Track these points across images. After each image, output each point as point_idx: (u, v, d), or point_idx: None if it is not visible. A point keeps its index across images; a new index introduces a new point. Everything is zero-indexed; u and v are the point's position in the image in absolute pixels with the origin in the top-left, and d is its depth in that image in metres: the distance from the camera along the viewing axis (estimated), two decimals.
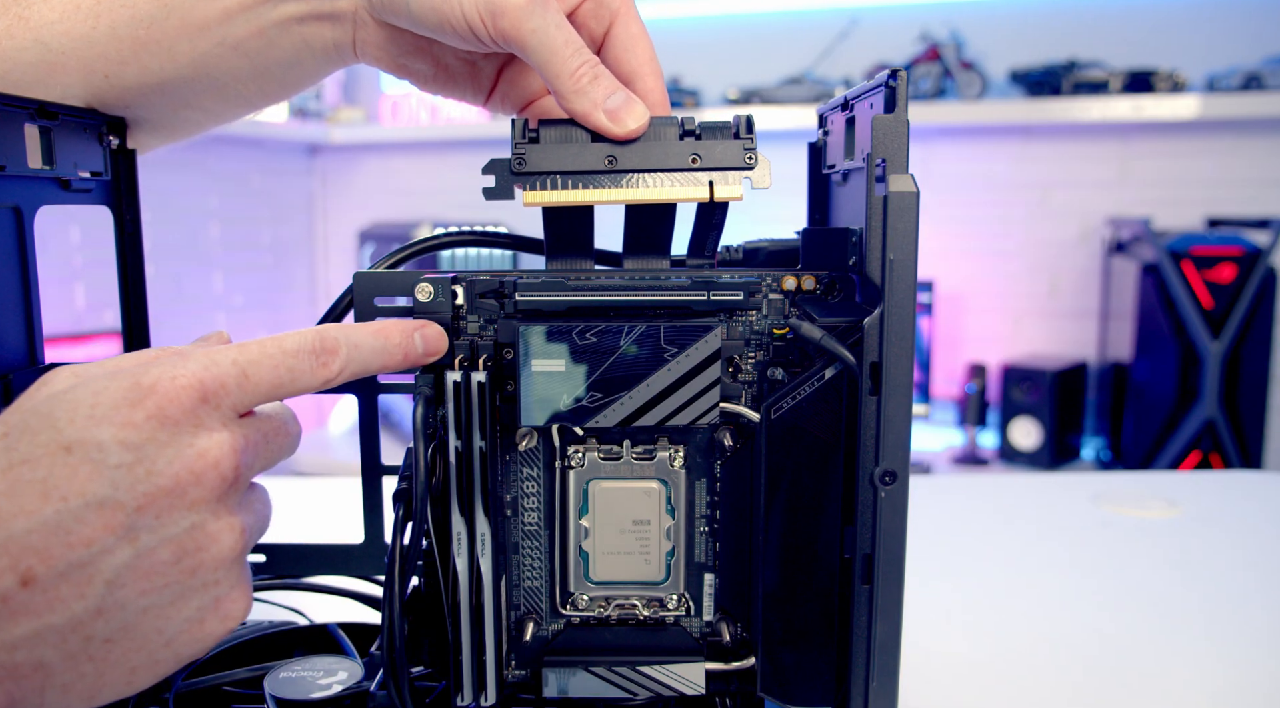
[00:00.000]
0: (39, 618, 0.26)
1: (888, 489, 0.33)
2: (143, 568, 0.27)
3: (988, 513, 0.82)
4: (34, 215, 0.41)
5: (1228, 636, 0.58)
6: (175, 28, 0.40)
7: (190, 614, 0.29)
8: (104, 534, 0.26)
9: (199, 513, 0.28)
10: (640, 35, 0.40)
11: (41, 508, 0.26)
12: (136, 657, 0.28)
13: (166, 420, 0.28)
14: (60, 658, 0.26)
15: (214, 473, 0.29)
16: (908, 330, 0.32)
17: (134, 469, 0.27)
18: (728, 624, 0.40)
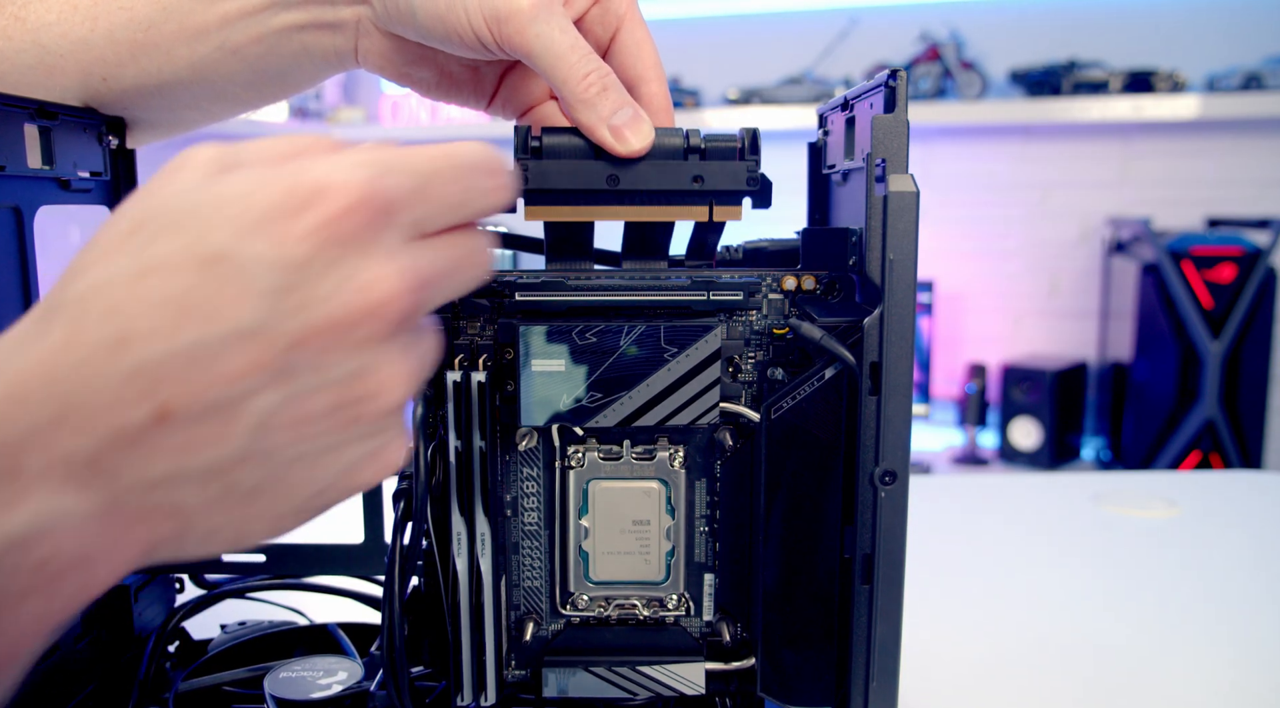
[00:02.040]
0: (176, 460, 0.22)
1: (888, 489, 0.33)
2: (294, 415, 0.24)
3: (988, 513, 0.82)
4: (34, 215, 0.41)
5: (1228, 636, 0.58)
6: (173, 32, 0.39)
7: (344, 466, 0.25)
8: (252, 372, 0.23)
9: (363, 356, 0.24)
10: (645, 40, 0.40)
11: (180, 332, 0.22)
12: (283, 506, 0.25)
13: (332, 238, 0.23)
14: (201, 503, 0.23)
15: (384, 310, 0.24)
16: (908, 330, 0.32)
17: (290, 297, 0.23)
18: (728, 624, 0.40)
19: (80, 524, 0.22)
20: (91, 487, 0.22)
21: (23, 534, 0.21)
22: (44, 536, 0.21)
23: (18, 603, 0.21)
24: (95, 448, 0.22)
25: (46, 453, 0.21)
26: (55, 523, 0.21)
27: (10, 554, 0.21)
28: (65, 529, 0.22)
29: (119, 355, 0.22)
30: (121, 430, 0.22)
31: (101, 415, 0.22)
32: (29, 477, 0.21)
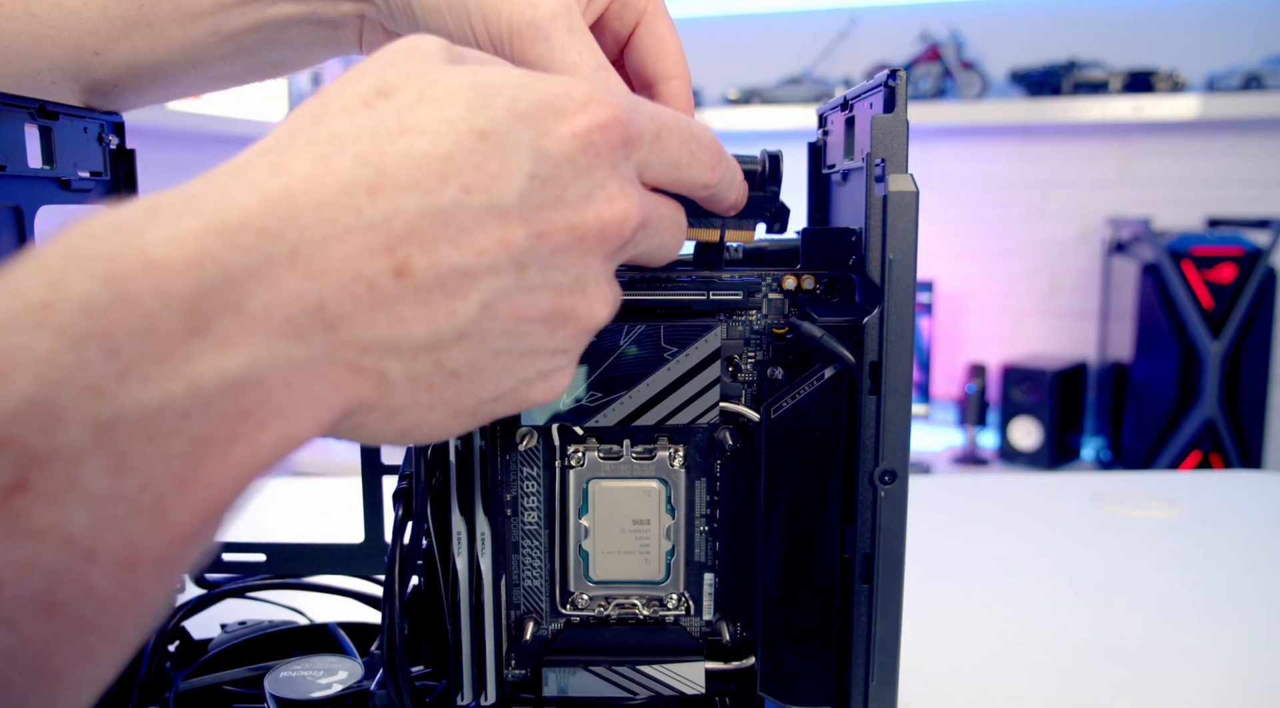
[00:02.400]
0: (399, 325, 0.22)
1: (887, 489, 0.33)
2: (515, 308, 0.24)
3: (988, 513, 0.82)
4: (34, 215, 0.41)
5: (1227, 636, 0.58)
6: (167, 12, 0.39)
7: (529, 375, 0.25)
8: (497, 249, 0.23)
9: (587, 268, 0.25)
10: (667, 35, 0.39)
11: (439, 190, 0.22)
12: (468, 400, 0.24)
13: (590, 147, 0.24)
14: (403, 378, 0.23)
15: (620, 227, 0.25)
16: (907, 330, 0.32)
17: (547, 188, 0.23)
18: (728, 624, 0.40)
19: (291, 374, 0.20)
20: (310, 337, 0.21)
21: (235, 376, 0.19)
22: (257, 381, 0.19)
23: (224, 448, 0.19)
24: (323, 296, 0.21)
25: (273, 292, 0.20)
26: (269, 369, 0.20)
27: (222, 396, 0.19)
28: (277, 377, 0.20)
29: (369, 201, 0.21)
30: (354, 280, 0.21)
31: (338, 262, 0.21)
32: (250, 315, 0.19)
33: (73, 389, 0.17)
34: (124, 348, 0.18)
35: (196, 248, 0.19)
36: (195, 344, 0.19)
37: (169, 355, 0.18)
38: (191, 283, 0.19)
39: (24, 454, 0.16)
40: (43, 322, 0.17)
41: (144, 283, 0.18)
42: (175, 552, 0.19)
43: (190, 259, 0.19)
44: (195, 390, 0.18)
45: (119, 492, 0.17)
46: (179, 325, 0.18)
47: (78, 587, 0.17)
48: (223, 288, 0.19)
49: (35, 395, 0.16)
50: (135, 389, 0.18)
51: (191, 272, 0.19)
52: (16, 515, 0.16)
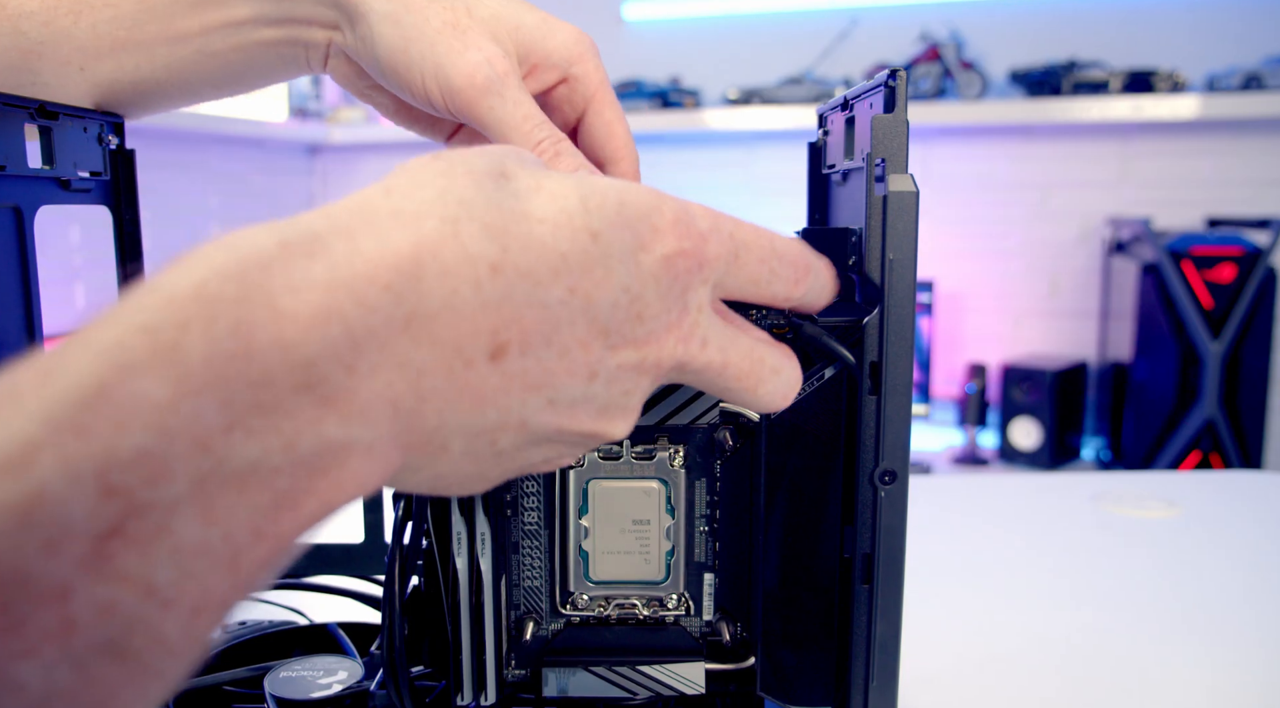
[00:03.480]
0: (478, 409, 0.22)
1: (887, 489, 0.33)
2: (576, 410, 0.24)
3: (988, 513, 0.82)
4: (34, 215, 0.41)
5: (1227, 636, 0.58)
6: (155, 32, 0.40)
7: (549, 456, 0.26)
8: (579, 353, 0.23)
9: (637, 387, 0.25)
10: (615, 121, 0.40)
11: (550, 285, 0.22)
12: (497, 472, 0.25)
13: (675, 269, 0.25)
14: (460, 452, 0.23)
15: (680, 350, 0.25)
16: (907, 330, 0.32)
17: (634, 305, 0.24)
18: (727, 624, 0.40)
19: (375, 442, 0.20)
20: (401, 410, 0.21)
21: (330, 443, 0.19)
22: (347, 447, 0.20)
23: (299, 502, 0.19)
24: (424, 366, 0.21)
25: (383, 355, 0.20)
26: (360, 438, 0.20)
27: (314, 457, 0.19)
28: (362, 445, 0.20)
29: (490, 279, 0.21)
30: (455, 355, 0.21)
31: (447, 333, 0.21)
32: (359, 375, 0.19)
33: (185, 442, 0.17)
34: (237, 400, 0.18)
35: (324, 301, 0.19)
36: (301, 399, 0.19)
37: (275, 409, 0.18)
38: (315, 342, 0.19)
39: (129, 504, 0.16)
40: (168, 370, 0.17)
41: (269, 335, 0.18)
42: (237, 599, 0.19)
43: (317, 314, 0.19)
44: (291, 449, 0.19)
45: (205, 543, 0.17)
46: (294, 380, 0.18)
47: (149, 634, 0.17)
48: (343, 347, 0.19)
49: (150, 447, 0.16)
50: (239, 443, 0.18)
51: (317, 329, 0.19)
52: (105, 560, 0.16)
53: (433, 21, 0.37)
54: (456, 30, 0.37)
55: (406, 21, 0.37)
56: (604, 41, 2.11)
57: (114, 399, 0.16)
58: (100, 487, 0.16)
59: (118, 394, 0.16)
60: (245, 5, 0.40)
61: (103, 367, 0.17)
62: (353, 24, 0.39)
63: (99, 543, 0.16)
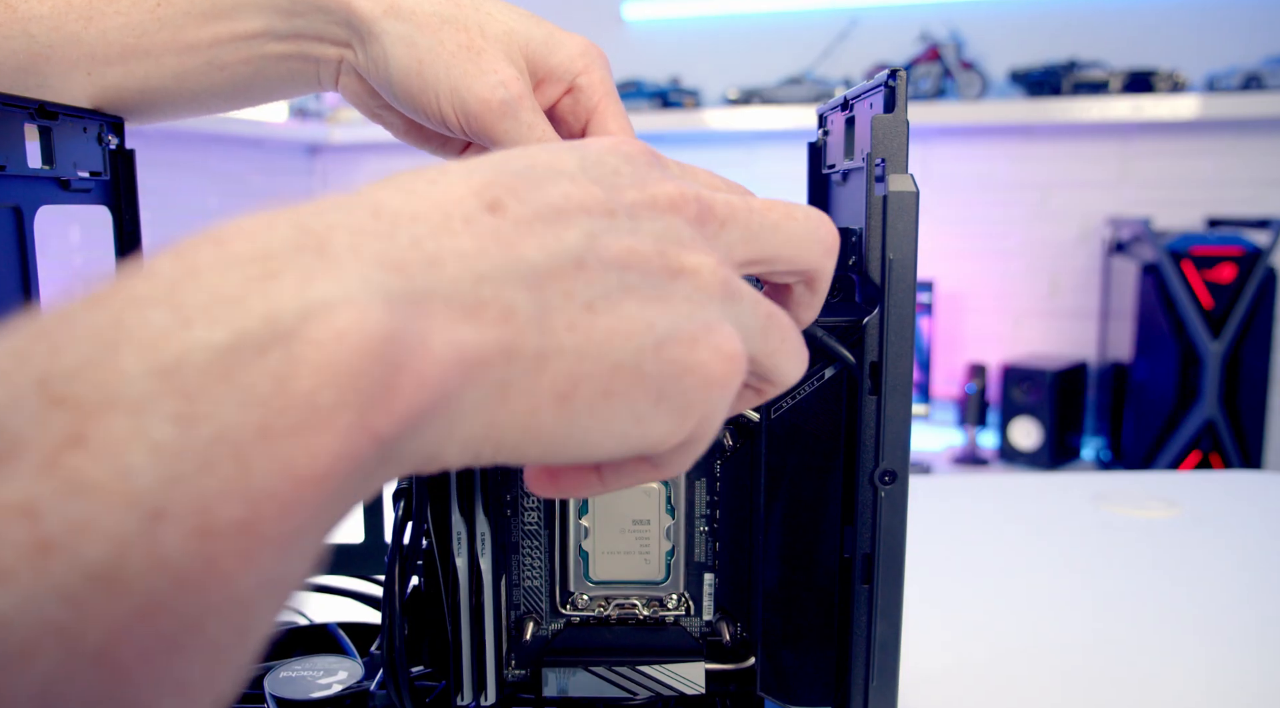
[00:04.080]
0: (514, 249, 0.20)
1: (888, 489, 0.33)
2: (622, 240, 0.22)
3: (988, 513, 0.82)
4: (34, 215, 0.41)
5: (1227, 636, 0.58)
6: (165, 41, 0.40)
7: (678, 322, 0.22)
8: (580, 194, 0.22)
9: (670, 225, 0.23)
10: (620, 132, 0.41)
11: (506, 161, 0.22)
12: (622, 345, 0.21)
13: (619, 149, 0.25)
14: (535, 308, 0.20)
15: (676, 190, 0.24)
16: (907, 330, 0.32)
17: (600, 164, 0.24)
18: (727, 624, 0.40)
19: (389, 301, 0.18)
20: (410, 270, 0.18)
21: (322, 300, 0.17)
22: (349, 303, 0.17)
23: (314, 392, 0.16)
24: (416, 235, 0.19)
25: (357, 235, 0.18)
26: (364, 297, 0.17)
27: (306, 322, 0.17)
28: (372, 302, 0.17)
29: (440, 174, 0.21)
30: (447, 220, 0.20)
31: (425, 209, 0.20)
32: (334, 255, 0.18)
33: (133, 344, 0.15)
34: (189, 302, 0.16)
35: (266, 217, 0.18)
36: (271, 284, 0.17)
37: (241, 298, 0.16)
38: (263, 238, 0.17)
39: (80, 408, 0.15)
40: (108, 297, 0.16)
41: (213, 252, 0.17)
42: (264, 522, 0.16)
43: (262, 224, 0.18)
44: (272, 320, 0.16)
45: (188, 442, 0.15)
46: (252, 273, 0.17)
47: (144, 554, 0.15)
48: (298, 235, 0.18)
49: (93, 356, 0.15)
50: (202, 333, 0.16)
51: (264, 231, 0.18)
52: (70, 471, 0.14)
53: (447, 44, 0.37)
54: (471, 52, 0.37)
55: (421, 43, 0.38)
56: (604, 41, 2.11)
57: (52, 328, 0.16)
58: (44, 395, 0.15)
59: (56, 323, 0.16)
60: (256, 19, 0.40)
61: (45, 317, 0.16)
62: (365, 44, 0.39)
63: (57, 451, 0.15)
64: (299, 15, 0.39)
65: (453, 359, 0.19)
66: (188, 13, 0.40)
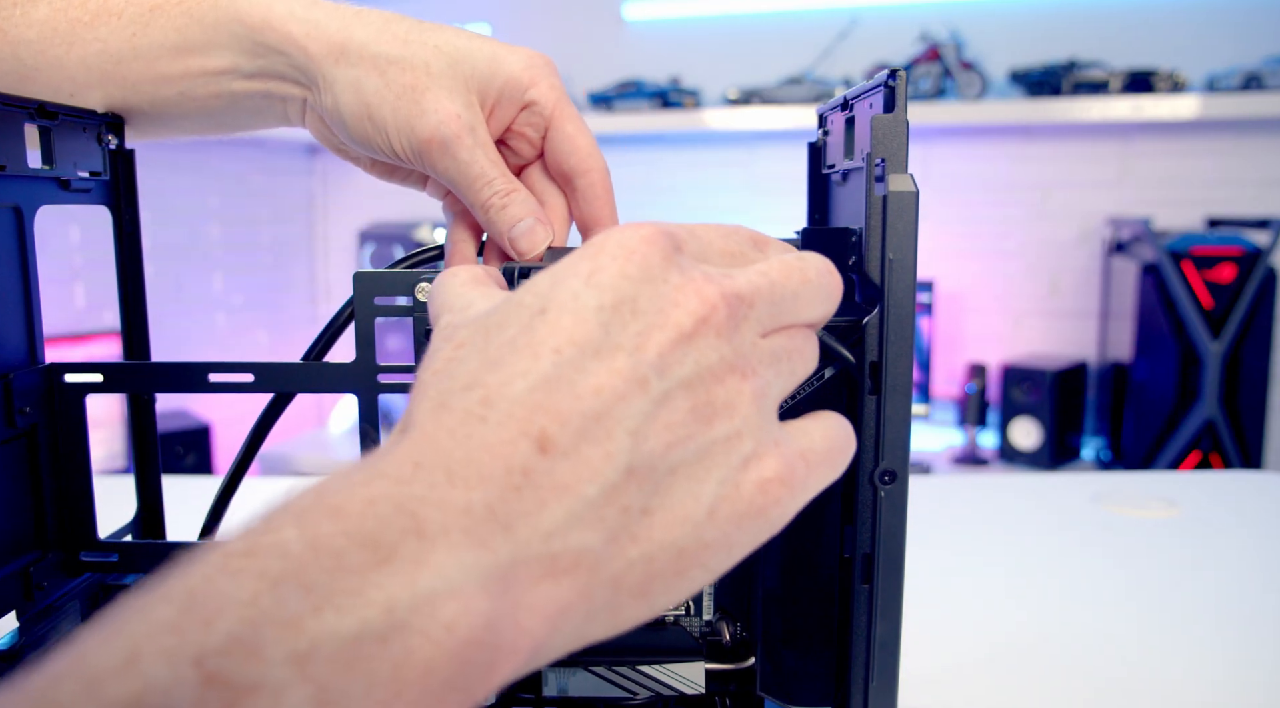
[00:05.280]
0: (571, 492, 0.22)
1: (887, 489, 0.33)
2: (662, 418, 0.23)
3: (988, 513, 0.82)
4: (34, 215, 0.41)
5: (1227, 636, 0.58)
6: (141, 71, 0.42)
7: (722, 476, 0.24)
8: (612, 379, 0.23)
9: (700, 351, 0.24)
10: (577, 134, 0.42)
11: (536, 365, 0.23)
12: (680, 532, 0.24)
13: (634, 256, 0.25)
14: (602, 541, 0.22)
15: (699, 303, 0.25)
16: (907, 330, 0.32)
17: (619, 309, 0.24)
18: (727, 624, 0.40)
19: (486, 584, 0.20)
20: (492, 543, 0.21)
21: (429, 590, 0.20)
22: (451, 592, 0.20)
23: (425, 670, 0.19)
24: (489, 498, 0.21)
25: (445, 509, 0.21)
26: (462, 579, 0.20)
27: (417, 612, 0.19)
28: (472, 586, 0.20)
29: (487, 409, 0.23)
30: (508, 475, 0.22)
31: (488, 463, 0.22)
32: (432, 533, 0.20)
33: (272, 626, 0.18)
34: (317, 584, 0.19)
35: (367, 491, 0.21)
36: (385, 572, 0.19)
37: (361, 588, 0.19)
38: (371, 520, 0.20)
39: (231, 689, 0.17)
40: (246, 568, 0.19)
41: (330, 527, 0.20)
42: None
43: (365, 500, 0.20)
44: (390, 611, 0.19)
45: None
46: (366, 559, 0.19)
47: None
48: (399, 516, 0.20)
49: (239, 634, 0.17)
50: (331, 620, 0.18)
51: (369, 510, 0.20)
52: None
53: (393, 86, 0.40)
54: (416, 92, 0.39)
55: (368, 87, 0.40)
56: (604, 41, 2.12)
57: (201, 599, 0.18)
58: (200, 674, 0.17)
59: (203, 593, 0.18)
60: (224, 57, 0.42)
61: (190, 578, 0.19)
62: (318, 88, 0.41)
63: None
64: (261, 56, 0.41)
65: (540, 622, 0.22)
66: (162, 45, 0.41)
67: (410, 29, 0.40)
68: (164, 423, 1.80)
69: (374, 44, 0.40)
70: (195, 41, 0.41)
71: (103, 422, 1.65)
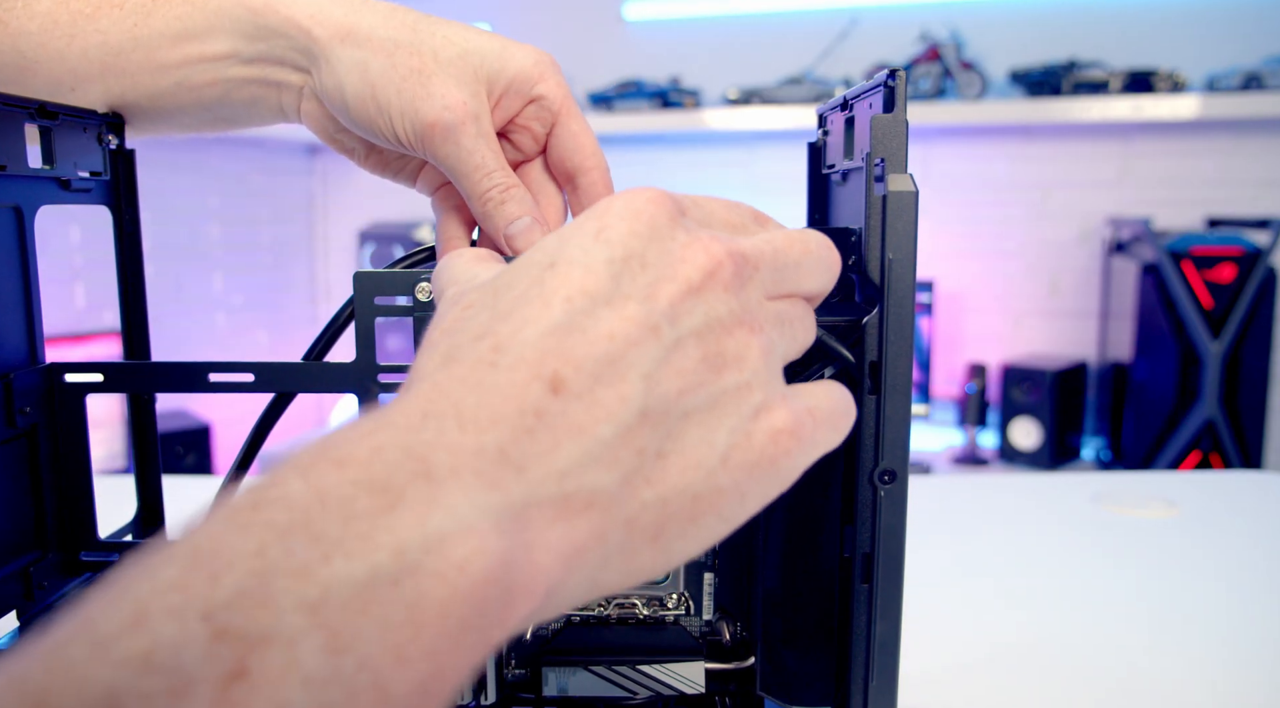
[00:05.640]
0: (581, 436, 0.22)
1: (887, 488, 0.33)
2: (674, 363, 0.24)
3: (988, 513, 0.82)
4: (34, 215, 0.41)
5: (1227, 636, 0.58)
6: (140, 61, 0.42)
7: (734, 424, 0.25)
8: (625, 325, 0.23)
9: (709, 303, 0.25)
10: (581, 133, 0.42)
11: (547, 313, 0.23)
12: (694, 477, 0.24)
13: (641, 216, 0.25)
14: (616, 482, 0.23)
15: (707, 258, 0.25)
16: (907, 330, 0.32)
17: (628, 262, 0.24)
18: (727, 624, 0.40)
19: (498, 524, 0.20)
20: (504, 483, 0.21)
21: (439, 531, 0.19)
22: (463, 531, 0.20)
23: (442, 612, 0.19)
24: (501, 440, 0.21)
25: (455, 453, 0.21)
26: (474, 519, 0.20)
27: (430, 553, 0.19)
28: (485, 525, 0.20)
29: (497, 355, 0.23)
30: (521, 417, 0.22)
31: (500, 406, 0.22)
32: (441, 476, 0.20)
33: (281, 576, 0.18)
34: (326, 533, 0.18)
35: (373, 440, 0.21)
36: (394, 517, 0.19)
37: (370, 532, 0.19)
38: (378, 466, 0.20)
39: (242, 642, 0.17)
40: (253, 520, 0.18)
41: (336, 477, 0.20)
42: None
43: (372, 448, 0.20)
44: (401, 553, 0.19)
45: (335, 673, 0.17)
46: (376, 504, 0.19)
47: None
48: (407, 461, 0.20)
49: (247, 586, 0.17)
50: (341, 567, 0.18)
51: (376, 457, 0.20)
52: (236, 704, 0.16)
53: (399, 68, 0.39)
54: (422, 76, 0.39)
55: (374, 68, 0.39)
56: (604, 41, 2.12)
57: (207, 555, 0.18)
58: (209, 629, 0.17)
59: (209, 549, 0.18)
60: (224, 41, 0.41)
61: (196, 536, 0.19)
62: (321, 69, 0.41)
63: (225, 685, 0.16)
64: (262, 39, 0.41)
65: (555, 562, 0.22)
66: (162, 33, 0.41)
67: (418, 18, 0.40)
68: (164, 423, 1.80)
69: (381, 28, 0.40)
70: (197, 27, 0.41)
71: (103, 422, 1.65)
